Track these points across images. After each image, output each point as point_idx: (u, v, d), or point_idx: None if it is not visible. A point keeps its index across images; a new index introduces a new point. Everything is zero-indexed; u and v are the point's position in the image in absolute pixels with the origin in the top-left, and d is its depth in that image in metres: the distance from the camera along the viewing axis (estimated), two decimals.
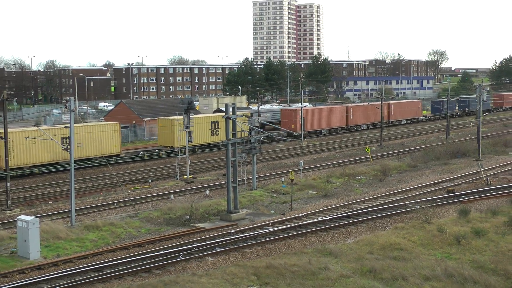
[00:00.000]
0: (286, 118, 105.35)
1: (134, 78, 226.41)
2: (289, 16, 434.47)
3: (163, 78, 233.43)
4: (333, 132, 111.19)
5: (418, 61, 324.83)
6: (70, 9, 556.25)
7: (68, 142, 65.94)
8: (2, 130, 54.86)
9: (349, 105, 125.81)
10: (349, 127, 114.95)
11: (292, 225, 43.13)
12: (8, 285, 31.47)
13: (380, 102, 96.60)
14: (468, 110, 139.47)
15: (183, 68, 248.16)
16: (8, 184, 51.11)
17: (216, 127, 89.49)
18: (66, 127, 60.60)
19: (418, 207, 46.07)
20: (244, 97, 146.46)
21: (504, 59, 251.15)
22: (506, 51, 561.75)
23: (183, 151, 65.76)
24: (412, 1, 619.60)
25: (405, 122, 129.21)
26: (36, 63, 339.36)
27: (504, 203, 48.64)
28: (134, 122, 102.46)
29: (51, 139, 59.51)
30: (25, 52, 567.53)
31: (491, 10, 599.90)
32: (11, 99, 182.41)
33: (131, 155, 78.90)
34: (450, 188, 54.65)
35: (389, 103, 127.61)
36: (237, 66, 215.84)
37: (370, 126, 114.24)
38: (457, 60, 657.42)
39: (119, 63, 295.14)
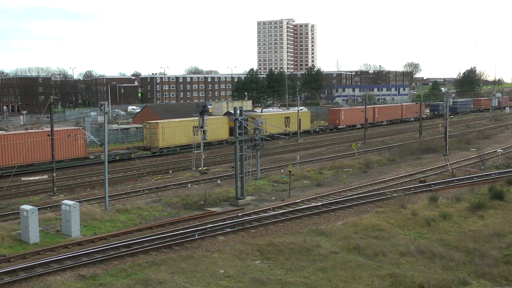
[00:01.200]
0: (332, 115, 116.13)
1: (157, 86, 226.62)
2: (288, 34, 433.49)
3: (181, 86, 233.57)
4: (364, 127, 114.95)
5: (396, 71, 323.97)
6: (105, 27, 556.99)
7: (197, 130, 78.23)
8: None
9: (376, 106, 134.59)
10: (375, 122, 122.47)
11: (290, 209, 43.23)
12: (55, 257, 31.78)
13: (369, 104, 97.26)
14: (456, 111, 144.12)
15: (198, 77, 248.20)
16: (54, 174, 51.33)
17: (288, 121, 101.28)
18: (195, 119, 69.52)
19: (395, 194, 46.11)
20: (250, 102, 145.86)
21: (466, 71, 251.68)
22: (468, 63, 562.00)
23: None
24: (392, 20, 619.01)
25: (413, 119, 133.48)
26: (76, 73, 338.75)
27: (466, 191, 48.67)
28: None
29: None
30: (67, 64, 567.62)
31: (456, 29, 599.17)
32: (56, 103, 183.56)
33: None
34: (422, 179, 54.68)
35: (402, 104, 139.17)
36: (244, 76, 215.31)
37: (390, 122, 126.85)
38: (428, 70, 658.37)
39: (145, 73, 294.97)
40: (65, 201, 38.54)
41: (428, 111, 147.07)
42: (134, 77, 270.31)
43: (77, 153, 69.45)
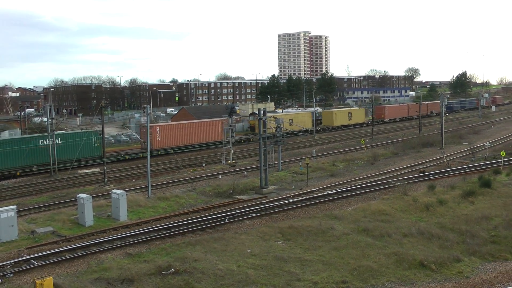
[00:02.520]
0: (378, 111, 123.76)
1: (192, 90, 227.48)
2: (305, 44, 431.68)
3: (212, 90, 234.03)
4: (401, 120, 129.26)
5: (398, 76, 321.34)
6: (146, 41, 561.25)
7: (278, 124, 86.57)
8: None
9: (409, 104, 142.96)
10: (408, 116, 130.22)
11: (307, 197, 43.21)
12: (106, 238, 32.28)
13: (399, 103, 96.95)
14: (465, 107, 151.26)
15: (227, 82, 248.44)
16: (105, 167, 51.87)
17: (351, 115, 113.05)
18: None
19: (399, 183, 45.87)
20: (272, 104, 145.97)
21: (459, 74, 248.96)
22: (460, 68, 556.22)
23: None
24: (395, 31, 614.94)
25: (434, 114, 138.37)
26: (123, 81, 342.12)
27: (459, 180, 48.19)
28: None
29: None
30: (115, 73, 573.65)
31: (450, 38, 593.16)
32: (106, 106, 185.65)
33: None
34: (421, 170, 54.35)
35: (427, 103, 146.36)
36: (267, 81, 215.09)
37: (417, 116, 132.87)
38: (427, 74, 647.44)
39: (181, 79, 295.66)
40: (115, 190, 38.98)
41: (445, 108, 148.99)
42: (172, 83, 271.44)
43: (217, 138, 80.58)
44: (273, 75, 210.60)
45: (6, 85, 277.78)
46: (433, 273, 25.81)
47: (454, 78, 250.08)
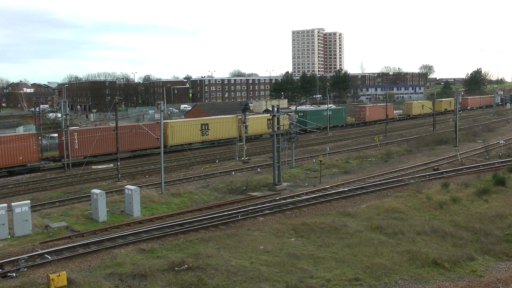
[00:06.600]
0: (463, 101, 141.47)
1: (206, 87, 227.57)
2: (318, 41, 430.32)
3: (226, 87, 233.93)
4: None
5: (412, 73, 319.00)
6: (160, 38, 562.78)
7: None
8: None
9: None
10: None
11: (321, 194, 43.10)
12: (120, 233, 32.37)
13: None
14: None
15: (241, 79, 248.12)
16: (119, 163, 52.10)
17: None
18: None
19: (412, 181, 45.67)
20: (286, 100, 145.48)
21: (473, 71, 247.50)
22: (475, 65, 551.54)
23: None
24: (409, 27, 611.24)
25: (484, 107, 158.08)
26: (137, 77, 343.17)
27: (473, 178, 47.92)
28: None
29: None
30: (129, 69, 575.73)
31: (465, 35, 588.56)
32: (120, 103, 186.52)
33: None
34: (435, 167, 53.99)
35: (474, 97, 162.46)
36: (280, 78, 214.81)
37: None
38: (441, 71, 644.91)
39: (195, 76, 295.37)
40: (128, 186, 39.15)
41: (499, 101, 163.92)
42: (186, 80, 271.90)
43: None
44: (287, 72, 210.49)
45: (21, 81, 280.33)
46: (446, 271, 25.67)
47: (469, 75, 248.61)
